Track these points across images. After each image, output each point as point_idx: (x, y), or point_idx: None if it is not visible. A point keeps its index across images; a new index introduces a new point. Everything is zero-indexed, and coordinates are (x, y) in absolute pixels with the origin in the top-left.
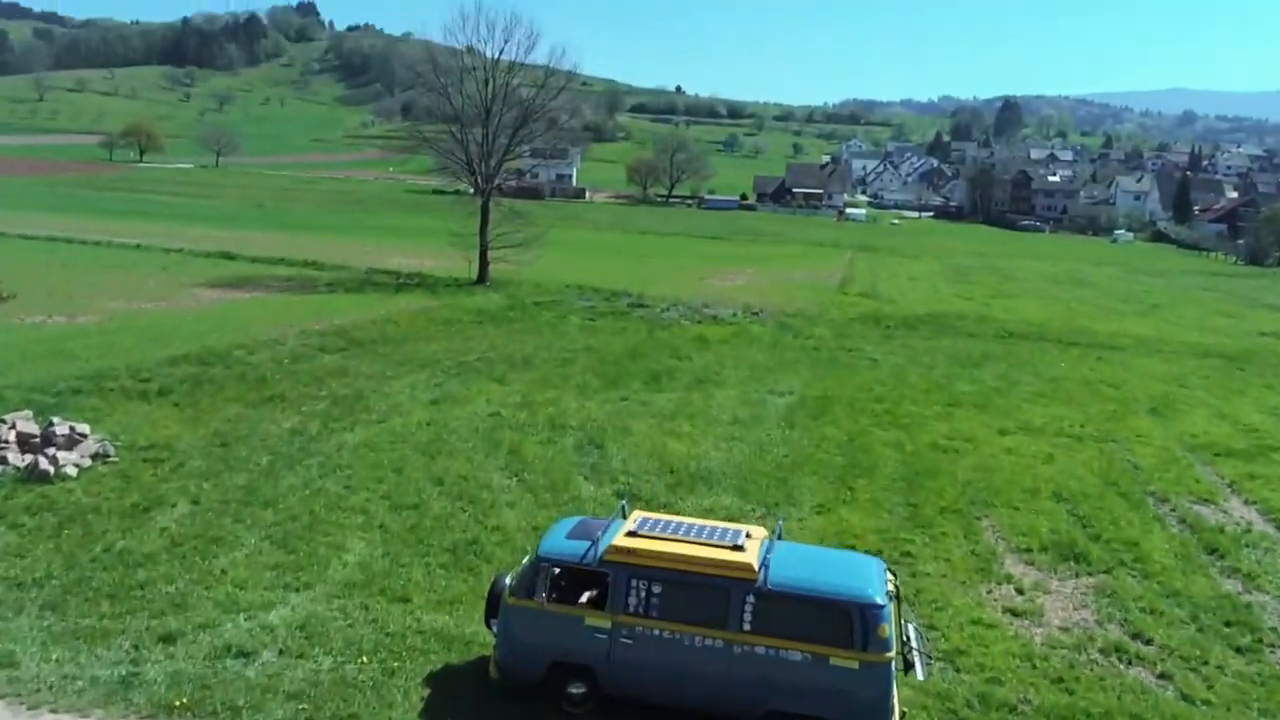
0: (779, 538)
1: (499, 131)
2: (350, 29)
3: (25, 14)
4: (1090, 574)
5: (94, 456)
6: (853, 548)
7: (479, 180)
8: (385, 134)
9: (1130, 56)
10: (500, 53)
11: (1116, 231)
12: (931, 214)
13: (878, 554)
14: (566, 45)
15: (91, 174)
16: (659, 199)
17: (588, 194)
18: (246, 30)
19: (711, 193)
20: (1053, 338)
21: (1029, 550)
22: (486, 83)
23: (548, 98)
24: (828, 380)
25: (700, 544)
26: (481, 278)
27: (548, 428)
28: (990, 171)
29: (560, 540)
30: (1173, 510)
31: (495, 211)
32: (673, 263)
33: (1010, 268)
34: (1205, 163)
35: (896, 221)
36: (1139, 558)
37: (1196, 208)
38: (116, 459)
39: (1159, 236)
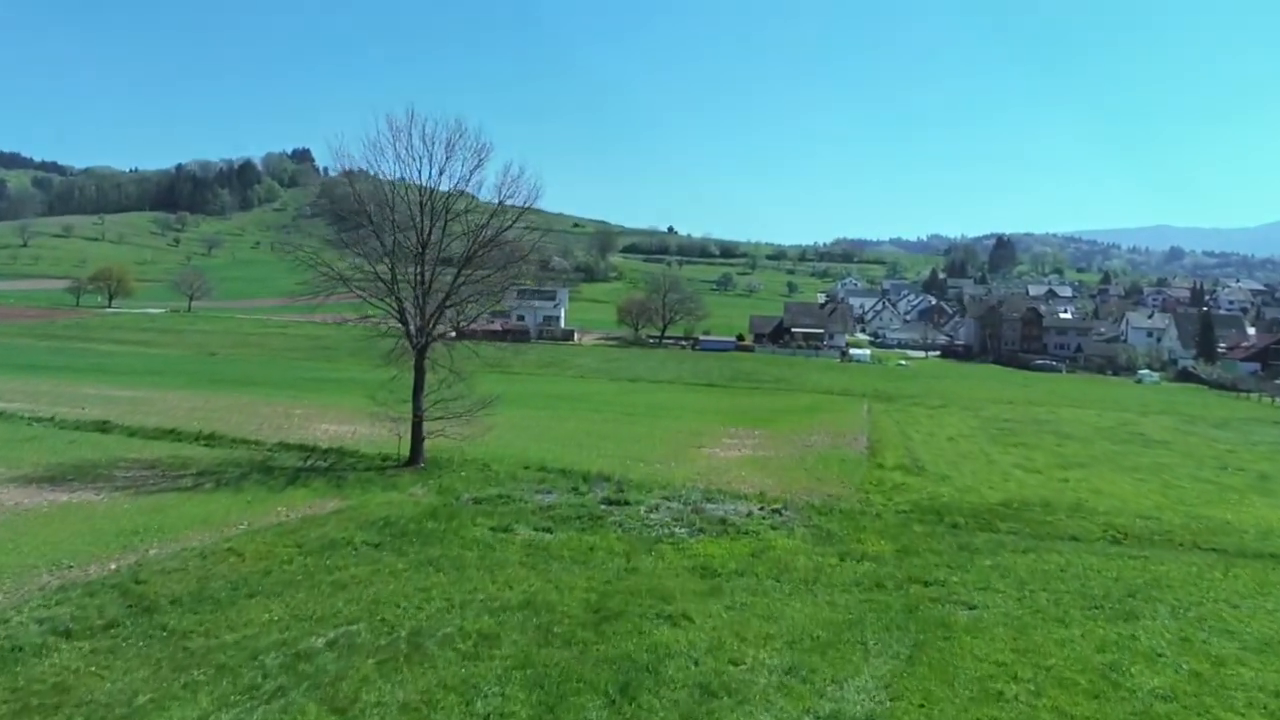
0: None
1: (439, 268)
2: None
3: (26, 163)
4: None
5: None
6: None
7: (411, 330)
8: (365, 276)
9: (1113, 195)
10: (441, 171)
11: (1140, 371)
12: (938, 353)
13: None
14: (525, 164)
15: (47, 321)
16: (651, 340)
17: (576, 335)
18: (240, 177)
19: (706, 333)
20: (1186, 541)
21: None
22: (422, 207)
23: (501, 226)
24: (921, 670)
25: None
26: (414, 458)
27: None
28: (997, 309)
29: None
30: None
31: (432, 372)
32: (665, 423)
33: (1054, 419)
34: (1207, 297)
35: (904, 363)
36: None
37: (1221, 345)
38: None
39: (1185, 375)
